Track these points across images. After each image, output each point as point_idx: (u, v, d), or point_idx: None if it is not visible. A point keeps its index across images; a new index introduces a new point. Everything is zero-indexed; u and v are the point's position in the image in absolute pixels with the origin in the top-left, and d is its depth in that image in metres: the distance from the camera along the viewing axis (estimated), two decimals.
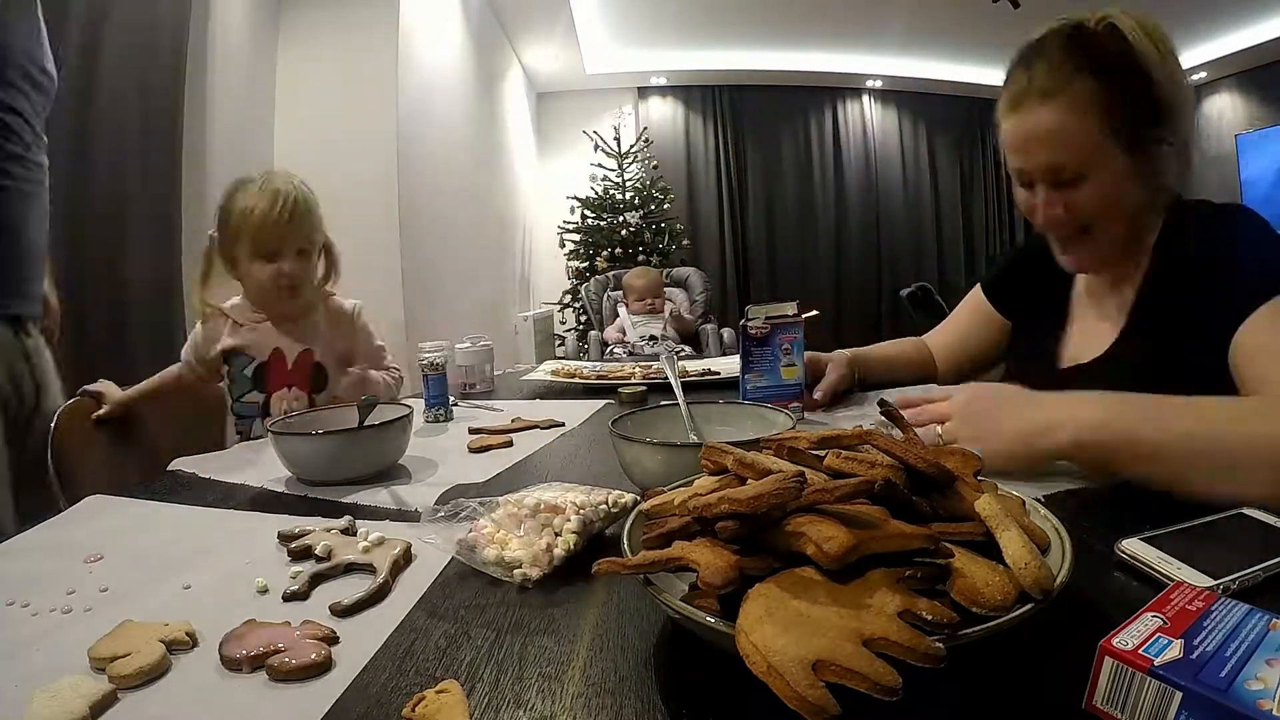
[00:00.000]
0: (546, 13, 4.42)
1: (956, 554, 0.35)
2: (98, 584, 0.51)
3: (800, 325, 1.01)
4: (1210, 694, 0.27)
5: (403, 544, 0.54)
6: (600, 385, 1.34)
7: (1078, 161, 0.77)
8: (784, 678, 0.28)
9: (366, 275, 2.78)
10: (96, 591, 0.50)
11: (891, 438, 0.43)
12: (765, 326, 1.00)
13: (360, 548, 0.53)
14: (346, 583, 0.50)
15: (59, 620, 0.46)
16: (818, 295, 6.27)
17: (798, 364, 1.01)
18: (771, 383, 1.01)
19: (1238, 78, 5.82)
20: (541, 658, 0.39)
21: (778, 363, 1.01)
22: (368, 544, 0.54)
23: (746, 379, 1.02)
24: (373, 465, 0.78)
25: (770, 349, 1.01)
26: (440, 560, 0.53)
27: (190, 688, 0.38)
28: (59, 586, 0.51)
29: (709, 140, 6.16)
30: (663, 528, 0.40)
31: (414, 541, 0.55)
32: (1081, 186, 0.78)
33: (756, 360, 1.01)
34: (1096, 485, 0.63)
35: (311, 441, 0.77)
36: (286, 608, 0.47)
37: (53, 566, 0.56)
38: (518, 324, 4.70)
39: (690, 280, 3.60)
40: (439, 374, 1.11)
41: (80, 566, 0.55)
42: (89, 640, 0.41)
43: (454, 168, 3.64)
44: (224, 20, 2.40)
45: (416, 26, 3.06)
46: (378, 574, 0.50)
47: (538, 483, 0.62)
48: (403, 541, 0.55)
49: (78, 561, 0.56)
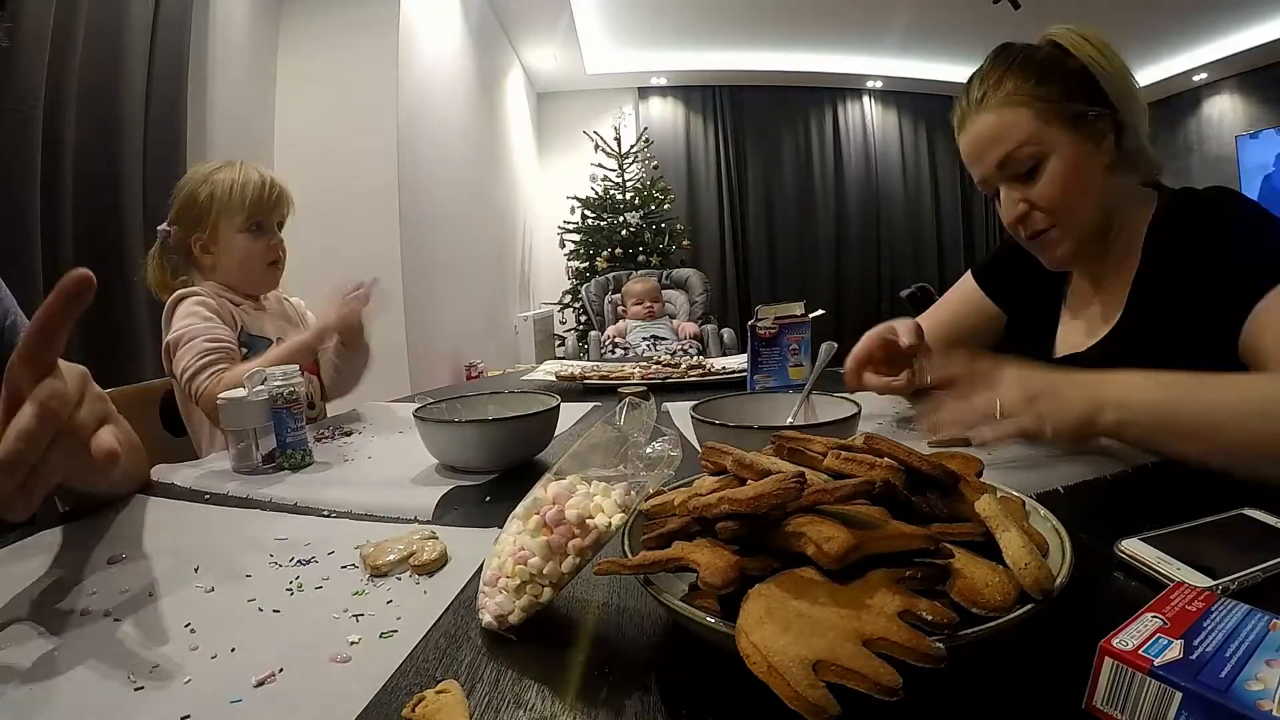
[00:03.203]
0: (547, 13, 4.42)
1: (956, 554, 0.35)
2: (119, 585, 0.51)
3: (808, 325, 1.02)
4: (1210, 694, 0.27)
5: (440, 546, 0.54)
6: (600, 385, 1.34)
7: (1023, 150, 0.80)
8: (784, 678, 0.28)
9: (366, 275, 2.78)
10: (117, 593, 0.50)
11: (894, 441, 0.43)
12: (774, 327, 1.01)
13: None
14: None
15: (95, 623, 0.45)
16: (818, 295, 6.27)
17: (805, 364, 1.01)
18: (780, 383, 1.02)
19: (1238, 79, 5.82)
20: (542, 658, 0.39)
21: (786, 363, 1.02)
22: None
23: (755, 379, 1.02)
24: (520, 455, 0.80)
25: (779, 349, 1.02)
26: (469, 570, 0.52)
27: None
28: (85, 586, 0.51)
29: (709, 140, 6.16)
30: (663, 528, 0.40)
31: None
32: (1038, 176, 0.81)
33: (765, 360, 1.02)
34: (1096, 485, 0.63)
35: (461, 429, 0.79)
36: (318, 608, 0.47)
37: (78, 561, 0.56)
38: (518, 324, 4.70)
39: (690, 281, 3.60)
40: (286, 406, 0.82)
41: (104, 566, 0.55)
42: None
43: (454, 167, 3.64)
44: (224, 20, 2.40)
45: (416, 26, 3.06)
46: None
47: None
48: (441, 544, 0.54)
49: (101, 560, 0.56)
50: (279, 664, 0.39)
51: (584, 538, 0.42)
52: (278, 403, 0.83)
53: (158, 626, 0.44)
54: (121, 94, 1.85)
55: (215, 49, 2.34)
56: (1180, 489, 0.64)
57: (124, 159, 1.85)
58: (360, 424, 1.08)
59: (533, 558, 0.42)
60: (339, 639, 0.42)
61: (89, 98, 1.72)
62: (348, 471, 0.83)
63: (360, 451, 0.92)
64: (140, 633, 0.44)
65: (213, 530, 0.64)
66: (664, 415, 1.04)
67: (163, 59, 2.01)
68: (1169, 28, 5.07)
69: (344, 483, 0.77)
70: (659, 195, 4.92)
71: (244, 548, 0.58)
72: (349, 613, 0.45)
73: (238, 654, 0.41)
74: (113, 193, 1.82)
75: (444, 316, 3.36)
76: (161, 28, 2.00)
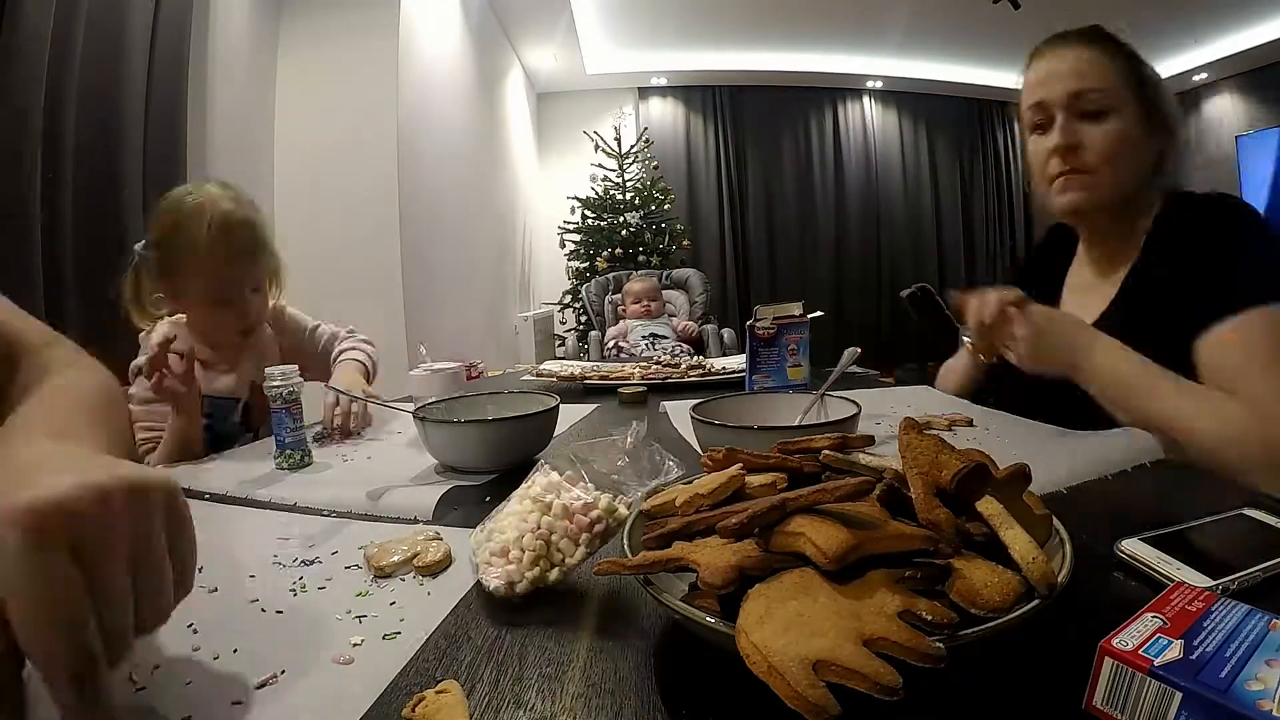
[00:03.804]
0: (547, 13, 4.42)
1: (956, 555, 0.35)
2: None
3: (806, 325, 1.02)
4: (1210, 694, 0.27)
5: (445, 548, 0.54)
6: (600, 385, 1.34)
7: (1100, 94, 0.86)
8: (784, 678, 0.28)
9: (366, 275, 2.78)
10: None
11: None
12: (772, 327, 1.02)
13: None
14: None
15: None
16: (818, 295, 6.27)
17: (803, 364, 1.02)
18: (778, 383, 1.03)
19: (1238, 79, 5.81)
20: (541, 658, 0.39)
21: (784, 363, 1.03)
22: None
23: (754, 379, 1.03)
24: (519, 455, 0.80)
25: (777, 349, 1.02)
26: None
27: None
28: None
29: (709, 140, 6.16)
30: (663, 528, 0.40)
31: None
32: (1101, 122, 0.86)
33: (763, 360, 1.03)
34: (1096, 486, 0.63)
35: (461, 430, 0.79)
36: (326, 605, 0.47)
37: None
38: (518, 324, 4.70)
39: (690, 281, 3.60)
40: (285, 406, 0.83)
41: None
42: None
43: (454, 168, 3.64)
44: (224, 20, 2.40)
45: (416, 27, 3.06)
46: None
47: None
48: (445, 545, 0.54)
49: None
50: (281, 665, 0.39)
51: (599, 529, 0.45)
52: (277, 403, 0.83)
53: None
54: (121, 94, 1.84)
55: (215, 49, 2.34)
56: (1180, 489, 0.64)
57: (124, 159, 1.85)
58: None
59: (555, 536, 0.45)
60: (342, 640, 0.42)
61: (89, 98, 1.72)
62: (347, 471, 0.83)
63: (360, 451, 0.92)
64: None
65: (214, 530, 0.64)
66: (663, 416, 1.04)
67: (163, 59, 2.00)
68: (1169, 28, 5.06)
69: (344, 483, 0.77)
70: (659, 195, 4.91)
71: (246, 548, 0.58)
72: (352, 614, 0.45)
73: (240, 655, 0.40)
74: (113, 193, 1.82)
75: (444, 316, 3.35)
76: (161, 28, 2.00)
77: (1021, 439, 0.82)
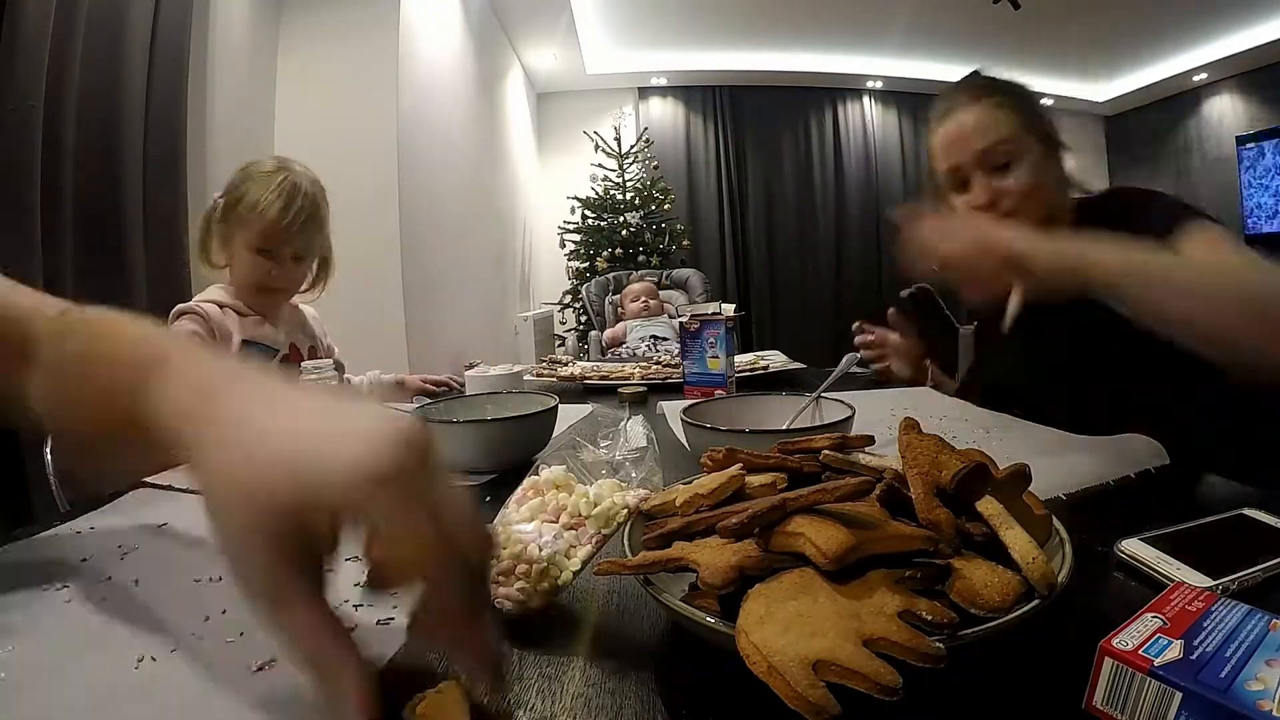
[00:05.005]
0: (547, 13, 4.42)
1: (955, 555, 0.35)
2: (129, 575, 0.51)
3: (722, 323, 1.15)
4: (1210, 694, 0.27)
5: None
6: (600, 385, 1.34)
7: (1004, 148, 0.94)
8: (784, 678, 0.28)
9: (366, 275, 2.78)
10: (130, 583, 0.50)
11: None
12: (694, 323, 1.17)
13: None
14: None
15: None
16: (818, 295, 6.27)
17: (720, 357, 1.16)
18: (700, 370, 1.18)
19: (1238, 80, 5.81)
20: (541, 658, 0.39)
21: (705, 354, 1.17)
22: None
23: (684, 365, 1.20)
24: (518, 455, 0.79)
25: (699, 343, 1.17)
26: None
27: None
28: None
29: (709, 140, 6.15)
30: (663, 528, 0.40)
31: None
32: (1009, 173, 0.94)
33: (689, 351, 1.18)
34: (1097, 491, 0.63)
35: (459, 430, 0.79)
36: None
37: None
38: (518, 324, 4.70)
39: (690, 281, 3.61)
40: None
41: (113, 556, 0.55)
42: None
43: (454, 168, 3.64)
44: (224, 20, 2.40)
45: (416, 26, 3.06)
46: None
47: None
48: None
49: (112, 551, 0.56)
50: (278, 650, 0.39)
51: (600, 530, 0.44)
52: None
53: (167, 615, 0.45)
54: (121, 94, 1.84)
55: (215, 49, 2.34)
56: (1180, 490, 0.64)
57: (124, 159, 1.85)
58: None
59: (560, 542, 0.44)
60: None
61: (89, 98, 1.72)
62: None
63: None
64: (149, 620, 0.44)
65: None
66: (659, 417, 1.04)
67: (163, 59, 2.00)
68: (1169, 28, 5.07)
69: None
70: (659, 195, 4.91)
71: None
72: (349, 602, 0.46)
73: (237, 642, 0.41)
74: (113, 193, 1.81)
75: (444, 316, 3.36)
76: (161, 28, 2.00)
77: (1022, 443, 0.82)
